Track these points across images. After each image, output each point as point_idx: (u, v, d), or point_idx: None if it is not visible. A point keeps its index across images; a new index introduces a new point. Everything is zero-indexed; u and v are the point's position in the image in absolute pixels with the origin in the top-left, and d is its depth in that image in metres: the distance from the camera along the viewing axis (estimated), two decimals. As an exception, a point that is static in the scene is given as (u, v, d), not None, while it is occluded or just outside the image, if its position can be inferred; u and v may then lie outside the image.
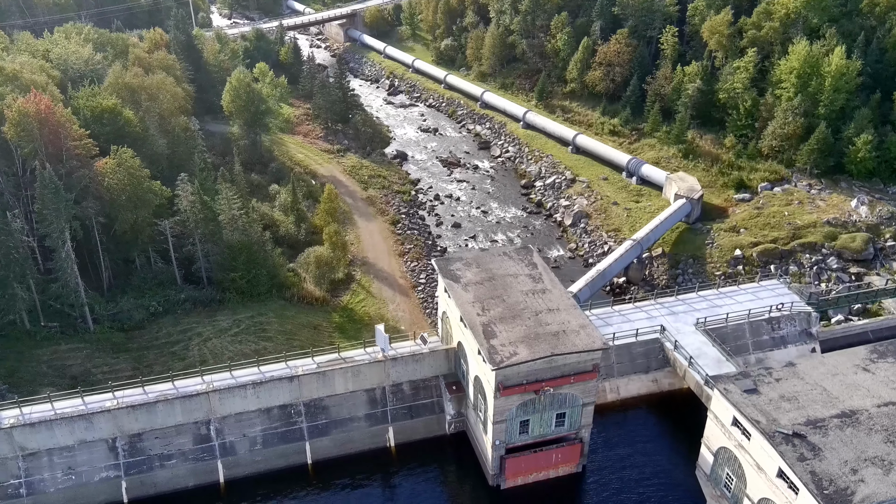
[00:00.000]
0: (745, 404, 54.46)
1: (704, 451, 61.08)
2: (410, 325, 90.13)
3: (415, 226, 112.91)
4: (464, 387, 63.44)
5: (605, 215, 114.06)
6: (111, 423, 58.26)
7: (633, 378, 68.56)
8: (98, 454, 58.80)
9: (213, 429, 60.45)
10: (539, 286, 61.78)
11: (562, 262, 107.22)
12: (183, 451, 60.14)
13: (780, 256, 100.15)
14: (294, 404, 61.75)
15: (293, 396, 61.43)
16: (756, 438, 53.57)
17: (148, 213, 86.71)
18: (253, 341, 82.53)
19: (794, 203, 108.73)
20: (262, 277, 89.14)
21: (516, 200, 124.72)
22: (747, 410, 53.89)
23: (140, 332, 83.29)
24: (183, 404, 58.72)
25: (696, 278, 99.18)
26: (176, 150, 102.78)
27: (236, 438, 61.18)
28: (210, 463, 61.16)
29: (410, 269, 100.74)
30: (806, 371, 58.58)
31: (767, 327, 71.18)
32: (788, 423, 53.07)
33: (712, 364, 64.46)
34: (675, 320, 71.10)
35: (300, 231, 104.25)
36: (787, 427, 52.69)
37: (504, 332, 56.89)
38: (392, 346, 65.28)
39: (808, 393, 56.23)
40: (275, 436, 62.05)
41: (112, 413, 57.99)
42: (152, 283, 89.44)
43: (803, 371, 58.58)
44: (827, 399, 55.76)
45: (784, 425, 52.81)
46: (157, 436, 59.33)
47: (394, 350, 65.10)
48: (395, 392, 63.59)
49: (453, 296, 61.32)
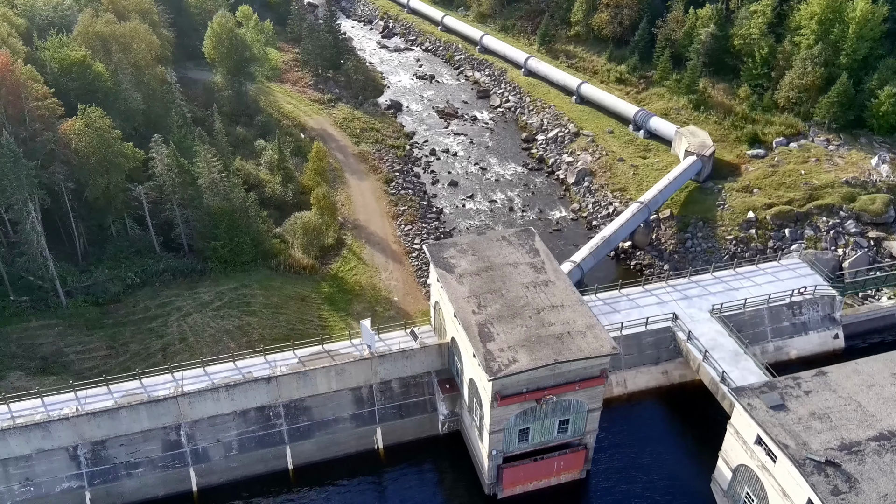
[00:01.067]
0: (772, 424, 49.11)
1: (722, 465, 56.17)
2: (404, 295, 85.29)
3: (409, 185, 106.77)
4: (458, 385, 58.66)
5: (610, 173, 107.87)
6: (71, 430, 53.59)
7: (642, 370, 63.71)
8: (58, 463, 54.26)
9: (183, 434, 55.90)
10: (541, 277, 56.32)
11: (564, 224, 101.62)
12: (151, 458, 55.65)
13: (796, 219, 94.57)
14: (272, 406, 57.07)
15: (271, 398, 56.71)
16: (783, 463, 48.53)
17: (120, 177, 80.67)
18: (236, 316, 77.67)
19: (811, 161, 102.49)
20: (245, 246, 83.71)
21: (516, 156, 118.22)
22: (774, 432, 48.65)
23: (116, 307, 78.35)
24: (149, 410, 54.02)
25: (705, 242, 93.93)
26: (152, 106, 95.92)
27: (210, 444, 56.65)
28: (181, 470, 56.80)
29: (404, 234, 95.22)
30: (838, 381, 52.94)
31: (788, 313, 66.04)
32: (820, 447, 47.81)
33: (729, 357, 59.57)
34: (689, 305, 65.84)
35: (287, 192, 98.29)
36: (818, 453, 47.44)
37: (502, 333, 51.74)
38: (380, 336, 60.45)
39: (841, 409, 50.78)
40: (252, 440, 57.56)
41: (71, 421, 53.28)
42: (129, 252, 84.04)
43: (835, 381, 52.96)
44: (863, 417, 50.26)
45: (815, 451, 47.58)
46: (122, 443, 54.81)
47: (381, 341, 59.99)
48: (384, 390, 58.84)
49: (446, 289, 56.04)
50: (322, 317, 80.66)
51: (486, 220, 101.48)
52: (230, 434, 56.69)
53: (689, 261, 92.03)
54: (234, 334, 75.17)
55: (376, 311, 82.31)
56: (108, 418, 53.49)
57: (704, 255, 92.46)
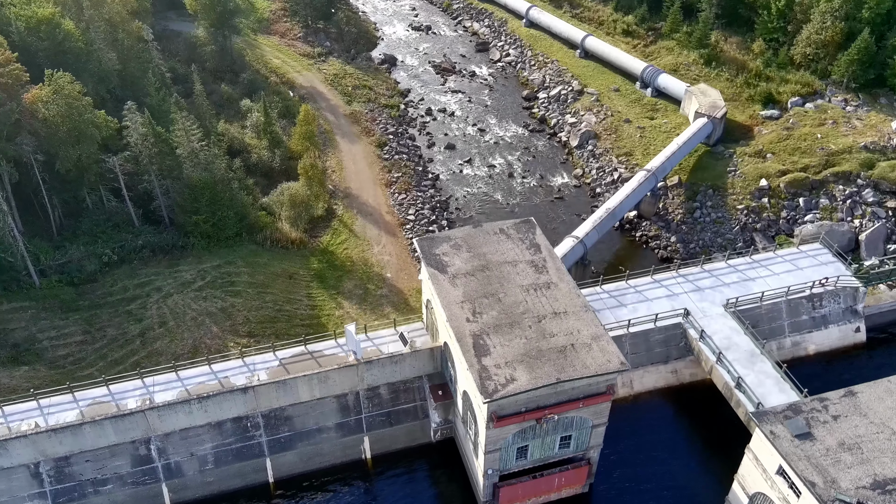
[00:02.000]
0: (797, 457, 44.78)
1: (738, 490, 52.14)
2: (397, 271, 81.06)
3: (403, 148, 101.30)
4: (452, 392, 54.78)
5: (615, 136, 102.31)
6: (30, 448, 49.72)
7: (650, 369, 59.69)
8: (19, 482, 50.37)
9: (154, 448, 52.09)
10: (542, 278, 51.74)
11: (566, 191, 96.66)
12: (120, 474, 51.84)
13: (811, 188, 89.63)
14: (250, 416, 53.15)
15: (249, 408, 52.81)
16: (808, 500, 44.42)
17: (93, 148, 75.40)
18: (219, 297, 73.58)
19: (828, 123, 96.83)
20: (229, 220, 79.02)
21: (517, 115, 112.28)
22: (800, 466, 44.32)
23: (92, 287, 74.14)
24: (115, 424, 50.10)
25: (715, 212, 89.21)
26: (128, 66, 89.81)
27: (183, 458, 52.94)
28: (153, 486, 53.14)
29: (398, 203, 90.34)
30: (870, 404, 48.26)
31: (807, 306, 61.68)
32: (851, 485, 43.54)
33: (744, 359, 55.45)
34: (701, 298, 61.40)
35: (275, 158, 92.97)
36: (849, 493, 43.34)
37: (499, 346, 47.39)
38: (368, 335, 56.37)
39: (873, 438, 46.21)
40: (229, 453, 53.80)
41: (30, 438, 49.34)
42: (106, 226, 79.36)
43: (866, 404, 48.30)
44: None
45: (846, 490, 43.37)
46: (88, 458, 51.04)
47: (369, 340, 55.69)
48: (371, 397, 54.89)
49: (439, 292, 51.47)
50: (311, 295, 76.59)
51: (485, 188, 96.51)
52: (205, 447, 52.96)
53: (698, 232, 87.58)
54: (217, 317, 71.21)
55: (368, 289, 78.30)
56: (70, 435, 49.66)
57: (714, 225, 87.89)
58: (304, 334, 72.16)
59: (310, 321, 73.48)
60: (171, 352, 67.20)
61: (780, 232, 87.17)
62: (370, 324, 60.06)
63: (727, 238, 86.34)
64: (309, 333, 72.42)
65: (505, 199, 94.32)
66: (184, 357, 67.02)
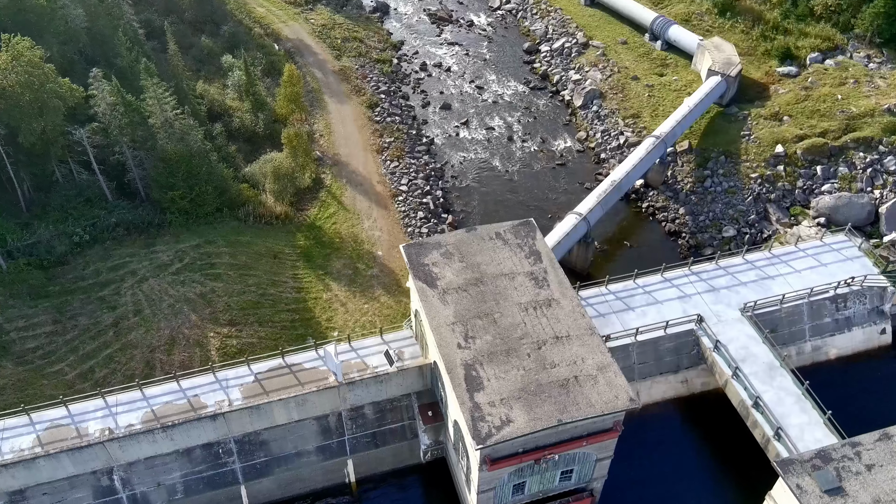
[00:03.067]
0: None
1: None
2: (389, 249, 76.35)
3: (396, 109, 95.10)
4: (442, 414, 50.61)
5: (622, 95, 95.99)
6: (-22, 483, 46.04)
7: (659, 379, 55.39)
8: None
9: (117, 478, 48.10)
10: (543, 293, 46.92)
11: (569, 156, 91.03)
12: None
13: (829, 154, 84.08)
14: (222, 442, 49.06)
15: (219, 434, 48.75)
16: None
17: (57, 119, 69.66)
18: (198, 281, 69.11)
19: (849, 82, 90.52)
20: (207, 195, 73.83)
21: (517, 71, 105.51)
22: None
23: (63, 270, 69.62)
24: (73, 457, 46.26)
25: (726, 181, 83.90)
26: (97, 23, 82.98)
27: (149, 488, 48.89)
28: None
29: (390, 172, 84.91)
30: None
31: (831, 307, 57.00)
32: None
33: (762, 372, 51.01)
34: (716, 300, 56.58)
35: (258, 122, 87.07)
36: None
37: (494, 379, 42.67)
38: (353, 346, 51.95)
39: None
40: (199, 481, 49.80)
41: None
42: (77, 202, 74.24)
43: None
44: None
45: None
46: (45, 491, 47.01)
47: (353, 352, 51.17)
48: (355, 417, 50.74)
49: (427, 312, 46.54)
50: (297, 277, 72.14)
51: (482, 153, 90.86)
52: (173, 476, 49.06)
53: (708, 203, 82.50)
54: (195, 304, 66.92)
55: (357, 269, 73.81)
56: (22, 469, 45.81)
57: (725, 196, 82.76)
58: (290, 320, 68.49)
59: (295, 305, 69.26)
60: (147, 343, 63.22)
61: (796, 203, 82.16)
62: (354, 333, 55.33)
63: (739, 210, 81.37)
64: (295, 319, 68.64)
65: (504, 166, 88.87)
66: (160, 349, 63.24)
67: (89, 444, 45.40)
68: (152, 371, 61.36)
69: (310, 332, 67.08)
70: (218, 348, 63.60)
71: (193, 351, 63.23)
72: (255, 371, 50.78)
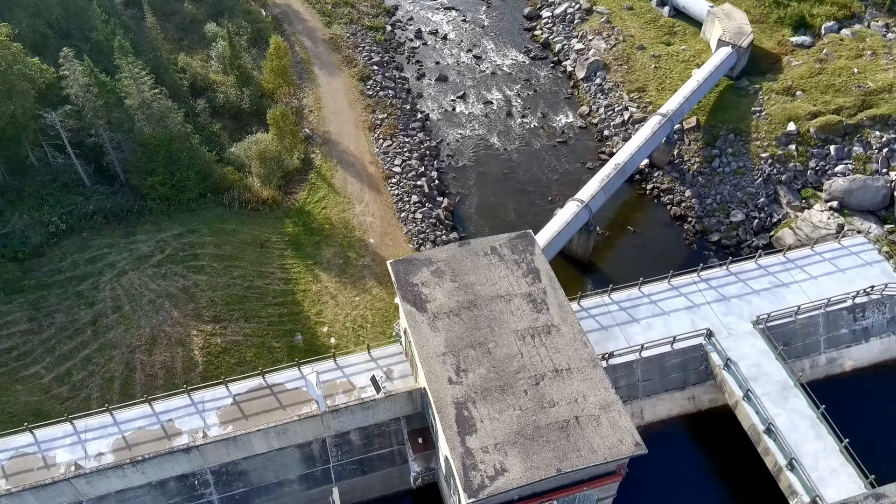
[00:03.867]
0: None
1: None
2: (381, 236, 73.02)
3: (389, 82, 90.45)
4: (433, 441, 47.65)
5: (627, 67, 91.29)
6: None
7: (664, 397, 52.27)
8: None
9: None
10: (542, 318, 43.37)
11: (570, 133, 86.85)
12: None
13: (844, 133, 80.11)
14: (197, 473, 46.32)
15: (194, 465, 45.87)
16: None
17: (28, 102, 65.61)
18: (181, 274, 65.93)
19: (867, 54, 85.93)
20: (189, 181, 70.08)
21: (517, 39, 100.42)
22: None
23: (39, 261, 66.31)
24: (37, 494, 43.32)
25: (736, 161, 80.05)
26: (70, -7, 78.11)
27: None
28: None
29: (383, 151, 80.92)
30: None
31: (848, 318, 53.66)
32: None
33: (775, 393, 47.89)
34: (726, 311, 53.09)
35: (244, 97, 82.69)
36: None
37: (488, 420, 39.24)
38: (338, 363, 48.83)
39: None
40: None
41: None
42: (53, 187, 70.62)
43: None
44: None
45: None
46: None
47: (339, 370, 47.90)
48: (340, 444, 47.72)
49: (416, 340, 43.05)
50: (285, 267, 68.96)
51: (480, 129, 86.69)
52: None
53: (716, 184, 78.81)
54: (177, 300, 63.86)
55: (348, 258, 70.57)
56: None
57: (734, 177, 79.02)
58: (278, 314, 65.52)
59: (283, 299, 66.25)
60: (127, 343, 60.37)
61: (808, 185, 78.54)
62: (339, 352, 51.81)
63: (748, 192, 77.75)
64: (283, 313, 65.67)
65: (502, 144, 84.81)
66: (140, 349, 60.45)
67: (54, 482, 42.80)
68: (132, 373, 58.69)
69: (298, 328, 64.43)
70: (201, 347, 60.83)
71: (175, 350, 60.45)
72: (233, 392, 47.86)
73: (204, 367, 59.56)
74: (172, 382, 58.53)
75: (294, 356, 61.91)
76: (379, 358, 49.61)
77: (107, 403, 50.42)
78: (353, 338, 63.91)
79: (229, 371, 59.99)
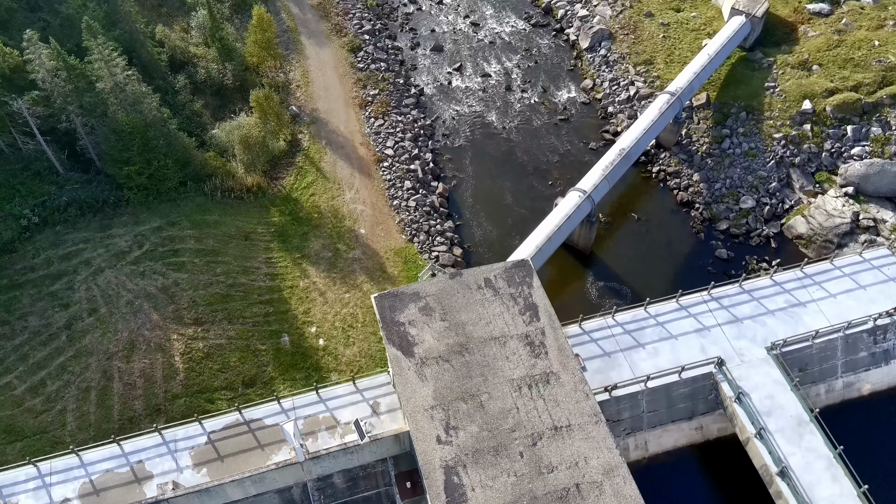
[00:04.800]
0: None
1: None
2: (372, 226, 69.40)
3: (381, 54, 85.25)
4: (423, 486, 44.48)
5: (634, 37, 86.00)
6: None
7: (670, 428, 48.98)
8: None
9: None
10: (540, 365, 39.69)
11: (573, 109, 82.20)
12: None
13: (862, 112, 75.63)
14: None
15: None
16: None
17: (-8, 89, 61.26)
18: (160, 272, 62.54)
19: (888, 25, 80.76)
20: (168, 169, 66.07)
21: (517, 3, 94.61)
22: None
23: (10, 259, 62.90)
24: None
25: (747, 142, 75.79)
26: (37, -39, 72.62)
27: None
28: None
29: (374, 132, 76.53)
30: None
31: (868, 340, 50.07)
32: None
33: (789, 429, 44.54)
34: (738, 335, 49.39)
35: (226, 72, 77.83)
36: None
37: (479, 489, 35.84)
38: (320, 393, 45.61)
39: None
40: None
41: None
42: (24, 176, 66.73)
43: None
44: None
45: None
46: None
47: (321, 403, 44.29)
48: (322, 487, 44.63)
49: (402, 390, 39.75)
50: (271, 261, 65.57)
51: (477, 105, 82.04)
52: None
53: (725, 167, 74.77)
54: (157, 300, 60.63)
55: (338, 250, 67.14)
56: None
57: (745, 159, 74.92)
58: (263, 314, 62.42)
59: (269, 296, 63.06)
60: (103, 349, 57.39)
61: (822, 168, 74.55)
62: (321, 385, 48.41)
63: (759, 176, 73.80)
64: (268, 313, 62.56)
65: (500, 122, 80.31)
66: (118, 356, 57.49)
67: (13, 538, 40.39)
68: (109, 382, 55.87)
69: (285, 328, 61.44)
70: (182, 353, 57.91)
71: (155, 357, 57.54)
72: (208, 430, 44.91)
73: (185, 375, 56.77)
74: (152, 391, 55.86)
75: (281, 359, 59.36)
76: (365, 389, 46.39)
77: (81, 418, 47.71)
78: (342, 338, 61.03)
79: (212, 377, 57.33)
